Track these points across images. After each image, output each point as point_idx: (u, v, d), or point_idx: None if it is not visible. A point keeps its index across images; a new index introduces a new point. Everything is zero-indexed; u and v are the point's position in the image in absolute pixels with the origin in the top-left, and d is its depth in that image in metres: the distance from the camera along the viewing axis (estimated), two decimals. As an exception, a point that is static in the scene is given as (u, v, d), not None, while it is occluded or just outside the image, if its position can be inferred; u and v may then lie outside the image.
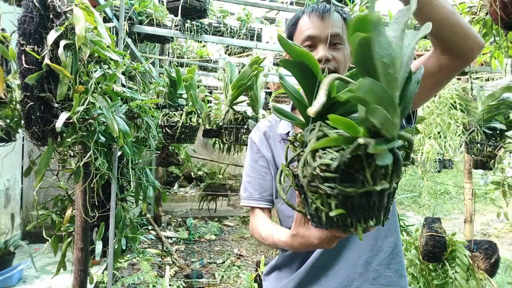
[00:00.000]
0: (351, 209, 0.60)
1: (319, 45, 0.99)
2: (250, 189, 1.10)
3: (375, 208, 0.61)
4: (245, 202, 1.11)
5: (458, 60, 0.88)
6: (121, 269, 3.18)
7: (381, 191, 0.59)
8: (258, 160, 1.11)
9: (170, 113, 2.69)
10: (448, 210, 8.05)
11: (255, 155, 1.12)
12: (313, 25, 0.99)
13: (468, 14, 1.88)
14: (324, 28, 0.98)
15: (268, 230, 0.98)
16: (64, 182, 1.82)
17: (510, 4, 1.19)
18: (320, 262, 1.04)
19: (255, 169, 1.11)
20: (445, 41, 0.84)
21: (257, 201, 1.09)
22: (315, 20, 0.99)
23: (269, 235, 0.96)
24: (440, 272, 2.29)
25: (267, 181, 1.10)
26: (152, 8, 2.88)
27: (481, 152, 2.46)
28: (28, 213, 4.02)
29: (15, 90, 1.58)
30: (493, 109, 2.42)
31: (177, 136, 2.68)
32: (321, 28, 0.98)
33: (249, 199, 1.10)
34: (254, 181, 1.10)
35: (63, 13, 1.30)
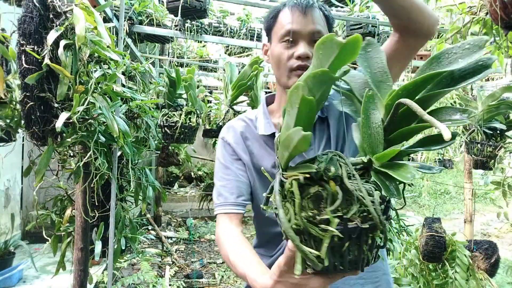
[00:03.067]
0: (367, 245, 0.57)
1: (300, 41, 0.94)
2: (225, 193, 0.99)
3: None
4: (219, 210, 0.98)
5: (423, 38, 0.90)
6: (121, 269, 3.18)
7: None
8: (233, 162, 1.02)
9: (170, 113, 2.69)
10: (448, 210, 8.05)
11: (230, 157, 1.03)
12: (295, 20, 0.94)
13: (468, 14, 1.88)
14: (306, 24, 0.94)
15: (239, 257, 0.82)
16: (64, 182, 1.82)
17: (510, 4, 1.19)
18: None
19: (231, 170, 1.01)
20: (414, 23, 0.86)
21: (232, 206, 0.98)
22: (297, 14, 0.94)
23: (238, 263, 0.80)
24: (440, 272, 2.29)
25: (245, 184, 1.01)
26: (152, 8, 2.88)
27: (481, 152, 2.46)
28: (28, 213, 4.02)
29: (15, 90, 1.58)
30: (493, 109, 2.42)
31: (176, 136, 2.67)
32: (303, 23, 0.94)
33: (224, 206, 0.98)
34: (231, 184, 0.99)
35: (63, 13, 1.30)
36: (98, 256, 1.86)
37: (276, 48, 0.98)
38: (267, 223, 1.02)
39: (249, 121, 1.07)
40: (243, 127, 1.06)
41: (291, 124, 0.56)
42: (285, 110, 0.59)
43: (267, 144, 1.02)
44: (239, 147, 1.03)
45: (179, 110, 2.70)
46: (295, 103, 0.54)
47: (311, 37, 0.94)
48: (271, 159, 1.00)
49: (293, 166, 0.61)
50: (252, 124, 1.06)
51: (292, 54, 0.95)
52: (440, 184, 7.93)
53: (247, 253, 0.82)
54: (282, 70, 0.97)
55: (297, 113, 0.54)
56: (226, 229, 0.93)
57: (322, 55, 0.55)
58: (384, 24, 2.87)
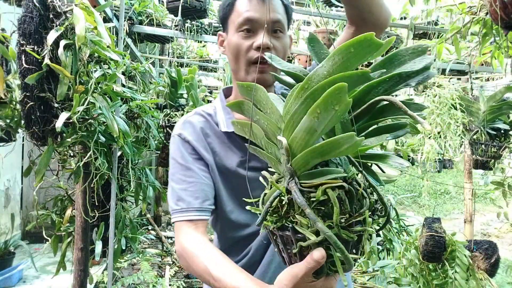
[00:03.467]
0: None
1: (260, 31, 0.86)
2: (187, 198, 0.86)
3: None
4: (180, 217, 0.85)
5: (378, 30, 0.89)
6: (121, 269, 3.18)
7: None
8: (195, 162, 0.90)
9: (171, 113, 2.69)
10: (448, 210, 8.05)
11: (190, 156, 0.90)
12: (254, 8, 0.87)
13: (468, 14, 1.88)
14: (265, 12, 0.86)
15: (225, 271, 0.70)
16: (64, 182, 1.82)
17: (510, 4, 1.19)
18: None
19: (193, 172, 0.88)
20: (372, 15, 0.86)
21: (197, 212, 0.85)
22: (256, 2, 0.87)
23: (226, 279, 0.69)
24: (440, 272, 2.28)
25: (209, 187, 0.89)
26: (152, 8, 2.88)
27: (485, 152, 2.46)
28: (28, 213, 4.02)
29: (15, 90, 1.59)
30: (496, 109, 2.42)
31: (179, 137, 2.67)
32: (262, 11, 0.86)
33: (186, 212, 0.85)
34: (194, 187, 0.87)
35: (63, 13, 1.30)
36: (98, 256, 1.86)
37: (234, 38, 0.89)
38: (231, 228, 0.94)
39: (208, 116, 0.96)
40: (202, 123, 0.95)
41: (318, 128, 0.51)
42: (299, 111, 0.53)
43: (231, 141, 0.93)
44: (200, 145, 0.92)
45: (181, 110, 2.70)
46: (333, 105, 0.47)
47: (271, 27, 0.87)
48: (235, 158, 0.92)
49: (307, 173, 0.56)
50: (212, 119, 0.96)
51: (251, 44, 0.87)
52: (440, 184, 7.93)
53: (234, 267, 0.71)
54: (241, 63, 0.89)
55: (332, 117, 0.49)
56: (195, 240, 0.81)
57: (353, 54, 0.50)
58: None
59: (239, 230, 0.93)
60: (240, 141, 0.92)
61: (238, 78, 0.92)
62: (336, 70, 0.52)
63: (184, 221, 0.84)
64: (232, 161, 0.92)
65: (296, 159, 0.55)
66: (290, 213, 0.57)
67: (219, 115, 0.95)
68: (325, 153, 0.52)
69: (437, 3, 2.35)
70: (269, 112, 0.60)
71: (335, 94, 0.46)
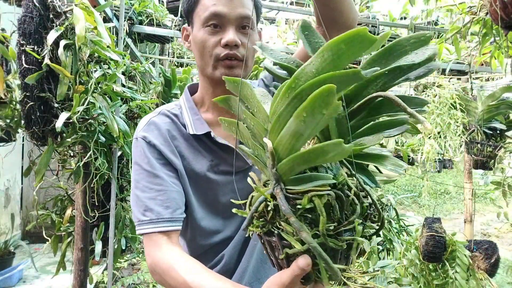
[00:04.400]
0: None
1: (228, 27, 0.82)
2: (156, 207, 0.78)
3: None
4: (150, 228, 0.77)
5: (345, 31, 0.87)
6: (121, 269, 3.18)
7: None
8: (162, 168, 0.82)
9: (164, 114, 2.69)
10: (448, 210, 8.05)
11: (157, 162, 0.82)
12: (220, 1, 0.81)
13: (468, 14, 1.88)
14: (234, 7, 0.81)
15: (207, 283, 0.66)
16: (64, 182, 1.82)
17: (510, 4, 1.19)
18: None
19: (161, 179, 0.81)
20: (341, 15, 0.82)
21: (168, 223, 0.78)
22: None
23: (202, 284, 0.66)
24: (440, 272, 2.28)
25: (180, 194, 0.83)
26: (152, 8, 2.88)
27: (481, 152, 2.46)
28: (28, 213, 4.02)
29: (15, 90, 1.59)
30: (493, 109, 2.42)
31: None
32: (230, 6, 0.81)
33: (156, 223, 0.77)
34: (164, 196, 0.80)
35: (63, 13, 1.30)
36: (98, 256, 1.86)
37: (200, 34, 0.84)
38: (202, 235, 0.89)
39: (173, 117, 0.89)
40: (168, 124, 0.88)
41: (304, 132, 0.47)
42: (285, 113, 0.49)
43: (200, 144, 0.87)
44: (167, 148, 0.84)
45: (173, 110, 2.70)
46: (320, 109, 0.43)
47: (240, 22, 0.83)
48: (205, 162, 0.87)
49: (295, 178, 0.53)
50: (179, 120, 0.89)
51: (218, 40, 0.82)
52: (440, 184, 7.93)
53: (213, 276, 0.68)
54: (207, 59, 0.84)
55: (320, 121, 0.45)
56: (169, 252, 0.75)
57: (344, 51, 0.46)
58: (384, 24, 2.87)
59: (210, 237, 0.88)
60: (210, 144, 0.87)
61: (205, 74, 0.87)
62: (326, 68, 0.47)
63: (155, 232, 0.77)
64: (201, 165, 0.86)
65: (282, 164, 0.51)
66: (276, 219, 0.53)
67: (186, 116, 0.89)
68: (310, 160, 0.48)
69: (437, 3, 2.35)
70: (255, 111, 0.57)
71: (323, 97, 0.42)
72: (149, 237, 0.78)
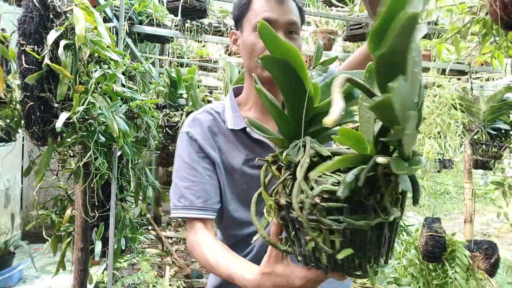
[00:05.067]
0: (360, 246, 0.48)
1: (277, 32, 0.86)
2: (190, 196, 0.88)
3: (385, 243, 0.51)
4: (182, 213, 0.88)
5: None
6: (121, 269, 3.18)
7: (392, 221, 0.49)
8: (200, 161, 0.91)
9: (171, 113, 2.69)
10: (448, 210, 8.05)
11: (196, 155, 0.91)
12: (271, 8, 0.88)
13: (468, 14, 1.88)
14: (283, 13, 0.88)
15: (222, 258, 0.78)
16: (64, 182, 1.82)
17: (510, 4, 1.19)
18: None
19: (197, 171, 0.90)
20: None
21: (200, 211, 0.88)
22: (273, 3, 0.88)
23: (221, 264, 0.77)
24: (440, 272, 2.28)
25: (213, 186, 0.91)
26: (152, 8, 2.88)
27: (486, 153, 2.47)
28: (28, 213, 4.02)
29: (15, 90, 1.59)
30: (496, 109, 2.43)
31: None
32: (280, 12, 0.88)
33: (189, 209, 0.88)
34: (197, 187, 0.89)
35: (63, 13, 1.30)
36: (98, 256, 1.86)
37: (250, 38, 0.90)
38: (235, 226, 0.95)
39: (216, 114, 0.96)
40: (210, 121, 0.95)
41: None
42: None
43: (237, 139, 0.94)
44: (207, 143, 0.92)
45: (180, 110, 2.70)
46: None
47: (288, 28, 0.89)
48: (241, 156, 0.92)
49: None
50: (220, 117, 0.96)
51: None
52: (440, 184, 7.93)
53: (229, 256, 0.79)
54: (255, 61, 0.89)
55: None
56: (198, 234, 0.86)
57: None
58: (384, 24, 2.86)
59: (242, 228, 0.94)
60: (246, 139, 0.93)
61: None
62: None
63: (193, 219, 0.88)
64: (238, 159, 0.93)
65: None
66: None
67: (227, 113, 0.96)
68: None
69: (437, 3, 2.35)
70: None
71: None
72: (189, 222, 0.90)
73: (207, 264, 0.81)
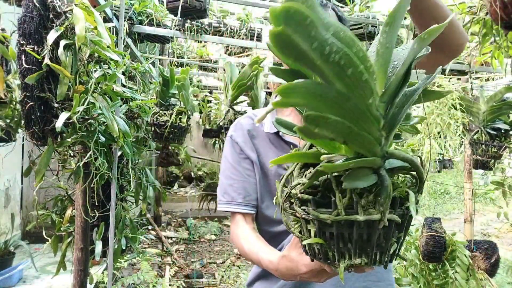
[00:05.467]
0: (331, 240, 0.52)
1: None
2: (232, 193, 1.02)
3: (363, 243, 0.51)
4: (225, 207, 1.02)
5: (451, 54, 0.90)
6: (121, 269, 3.18)
7: (370, 223, 0.49)
8: (241, 162, 1.03)
9: (161, 112, 2.67)
10: (448, 210, 8.05)
11: (238, 156, 1.04)
12: None
13: (468, 14, 1.88)
14: None
15: (253, 246, 0.91)
16: (64, 182, 1.82)
17: (510, 4, 1.19)
18: None
19: (238, 171, 1.03)
20: (445, 39, 0.85)
21: (240, 206, 1.01)
22: None
23: (253, 251, 0.90)
24: (440, 272, 2.28)
25: (252, 184, 1.02)
26: (152, 8, 2.88)
27: (486, 152, 2.47)
28: (28, 213, 4.02)
29: (15, 90, 1.58)
30: (496, 109, 2.43)
31: (165, 135, 2.65)
32: None
33: (230, 204, 1.01)
34: (238, 184, 1.02)
35: (63, 13, 1.30)
36: (99, 256, 1.86)
37: None
38: (266, 223, 1.03)
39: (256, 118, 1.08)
40: (250, 125, 1.06)
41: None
42: None
43: (273, 142, 1.02)
44: (246, 146, 1.03)
45: (170, 110, 2.69)
46: None
47: None
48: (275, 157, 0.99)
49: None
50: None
51: None
52: (440, 184, 7.93)
53: (260, 244, 0.90)
54: None
55: None
56: (239, 226, 0.99)
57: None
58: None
59: (273, 225, 1.01)
60: (281, 142, 1.01)
61: None
62: None
63: (235, 212, 1.01)
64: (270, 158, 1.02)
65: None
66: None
67: (266, 118, 1.02)
68: None
69: (437, 3, 2.35)
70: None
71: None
72: (232, 216, 1.03)
73: (243, 252, 0.94)
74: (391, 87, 0.48)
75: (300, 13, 0.37)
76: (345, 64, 0.41)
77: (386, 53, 0.47)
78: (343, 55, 0.41)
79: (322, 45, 0.39)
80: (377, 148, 0.48)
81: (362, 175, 0.48)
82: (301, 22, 0.38)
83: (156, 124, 2.65)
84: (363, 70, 0.43)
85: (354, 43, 0.43)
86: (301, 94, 0.41)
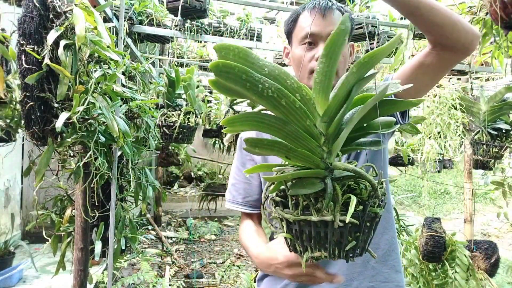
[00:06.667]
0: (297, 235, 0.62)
1: (320, 43, 0.97)
2: (234, 192, 1.09)
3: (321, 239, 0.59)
4: (228, 205, 1.11)
5: (460, 53, 0.89)
6: (121, 269, 3.18)
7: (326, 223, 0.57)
8: (246, 163, 1.08)
9: (168, 113, 2.69)
10: (448, 210, 8.05)
11: (244, 158, 1.09)
12: (315, 22, 0.96)
13: (468, 14, 1.88)
14: (325, 26, 0.96)
15: (248, 235, 0.99)
16: (64, 182, 1.82)
17: (510, 4, 1.19)
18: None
19: (242, 172, 1.08)
20: (448, 39, 0.85)
21: (239, 205, 1.08)
22: (317, 17, 0.97)
23: (245, 239, 0.99)
24: (440, 272, 2.28)
25: (253, 186, 1.08)
26: (152, 8, 2.88)
27: (487, 153, 2.47)
28: (28, 213, 4.02)
29: (15, 90, 1.58)
30: (496, 109, 2.43)
31: (175, 136, 2.67)
32: (322, 25, 0.96)
33: (232, 202, 1.10)
34: (239, 185, 1.08)
35: (63, 13, 1.30)
36: (98, 256, 1.86)
37: (297, 51, 1.01)
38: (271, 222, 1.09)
39: None
40: None
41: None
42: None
43: None
44: None
45: (178, 110, 2.70)
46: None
47: None
48: (278, 161, 1.03)
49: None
50: None
51: (312, 56, 0.98)
52: (440, 184, 7.93)
53: (253, 238, 0.97)
54: (303, 72, 0.99)
55: None
56: (243, 223, 1.08)
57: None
58: (384, 24, 2.86)
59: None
60: None
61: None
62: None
63: (241, 211, 1.09)
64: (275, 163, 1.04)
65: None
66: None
67: None
68: None
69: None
70: None
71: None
72: (242, 214, 1.11)
73: (243, 245, 1.01)
74: (330, 109, 0.56)
75: (227, 65, 0.48)
76: (278, 96, 0.52)
77: (324, 80, 0.56)
78: (275, 90, 0.51)
79: (255, 85, 0.50)
80: (318, 161, 0.58)
81: (307, 184, 0.58)
82: (230, 71, 0.48)
83: (165, 125, 2.66)
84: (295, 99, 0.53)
85: (288, 77, 0.54)
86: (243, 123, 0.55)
